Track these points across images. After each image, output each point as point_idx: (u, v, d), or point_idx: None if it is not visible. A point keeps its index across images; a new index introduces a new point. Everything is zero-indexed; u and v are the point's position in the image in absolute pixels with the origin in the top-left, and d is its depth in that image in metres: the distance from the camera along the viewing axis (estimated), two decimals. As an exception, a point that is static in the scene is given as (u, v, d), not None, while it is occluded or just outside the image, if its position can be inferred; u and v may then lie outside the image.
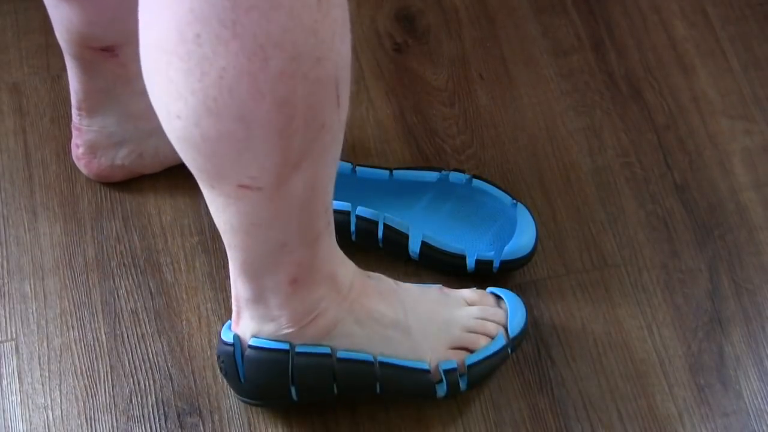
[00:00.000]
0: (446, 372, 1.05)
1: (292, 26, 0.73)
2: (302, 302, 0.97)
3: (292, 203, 0.85)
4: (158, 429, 1.09)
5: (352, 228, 1.14)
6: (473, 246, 1.16)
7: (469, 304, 1.09)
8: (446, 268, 1.15)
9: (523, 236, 1.15)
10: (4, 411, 1.09)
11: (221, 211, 0.86)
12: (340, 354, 1.01)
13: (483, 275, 1.15)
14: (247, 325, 1.00)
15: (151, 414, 1.10)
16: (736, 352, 1.15)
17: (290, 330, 0.99)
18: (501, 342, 1.08)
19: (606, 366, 1.13)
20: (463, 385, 1.07)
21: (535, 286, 1.17)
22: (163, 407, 1.10)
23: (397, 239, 1.14)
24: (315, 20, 0.74)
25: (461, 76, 1.31)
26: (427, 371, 1.04)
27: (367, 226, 1.14)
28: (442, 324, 1.06)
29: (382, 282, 1.05)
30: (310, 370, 1.01)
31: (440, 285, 1.11)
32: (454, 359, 1.05)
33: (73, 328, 1.14)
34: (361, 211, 1.14)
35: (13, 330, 1.14)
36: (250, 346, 1.00)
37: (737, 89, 1.31)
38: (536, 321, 1.15)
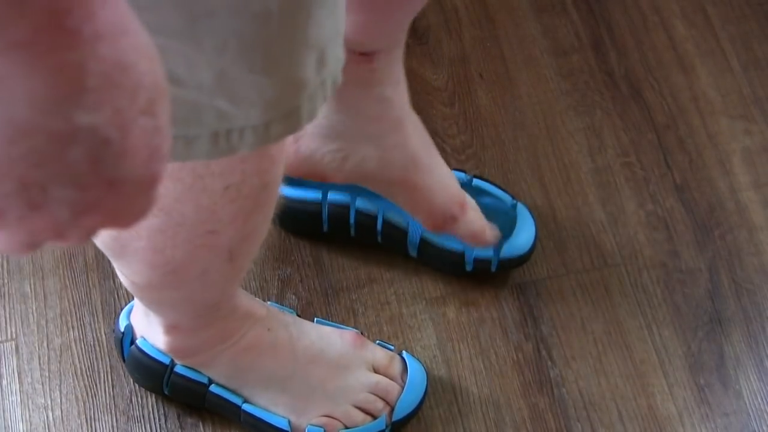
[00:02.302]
0: None
1: (186, 200, 0.74)
2: (181, 342, 1.00)
3: (162, 301, 0.92)
4: (158, 429, 1.09)
5: (351, 221, 1.14)
6: (473, 246, 1.16)
7: (375, 368, 1.07)
8: (444, 267, 1.15)
9: (522, 235, 1.15)
10: (4, 411, 1.09)
11: None
12: (213, 388, 1.04)
13: (482, 274, 1.15)
14: (140, 321, 1.04)
15: (151, 414, 1.09)
16: (736, 352, 1.15)
17: (171, 353, 1.02)
18: (380, 426, 1.05)
19: (606, 366, 1.13)
20: None
21: (535, 286, 1.17)
22: (163, 407, 1.10)
23: (395, 235, 1.14)
24: (215, 203, 0.74)
25: (461, 76, 1.31)
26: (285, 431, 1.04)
27: (366, 221, 1.14)
28: (330, 392, 1.04)
29: (282, 333, 1.04)
30: (183, 389, 1.05)
31: (360, 331, 1.09)
32: (323, 428, 1.04)
33: (73, 328, 1.14)
34: (361, 204, 1.13)
35: (13, 330, 1.14)
36: (137, 346, 1.04)
37: (737, 89, 1.31)
38: (536, 321, 1.15)
